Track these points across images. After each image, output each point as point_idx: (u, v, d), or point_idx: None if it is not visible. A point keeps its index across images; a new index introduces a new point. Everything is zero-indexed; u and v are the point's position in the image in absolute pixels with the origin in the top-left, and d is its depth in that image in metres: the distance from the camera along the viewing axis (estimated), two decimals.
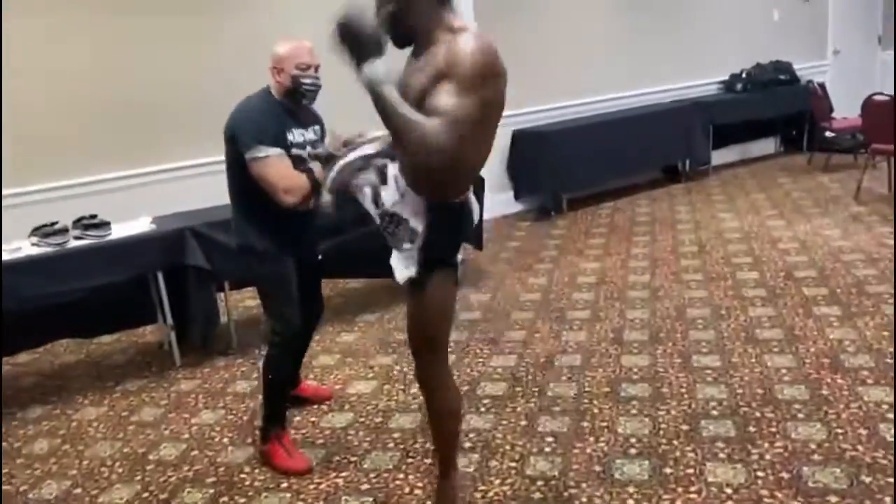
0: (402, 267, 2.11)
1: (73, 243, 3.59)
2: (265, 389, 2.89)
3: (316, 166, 2.66)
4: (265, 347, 2.95)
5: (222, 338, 4.10)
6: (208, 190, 4.41)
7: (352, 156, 2.38)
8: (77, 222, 3.70)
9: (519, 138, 6.44)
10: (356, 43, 1.73)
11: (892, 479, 2.42)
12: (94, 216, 3.73)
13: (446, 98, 1.76)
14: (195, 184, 4.62)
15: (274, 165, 2.65)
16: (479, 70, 1.77)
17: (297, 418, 3.23)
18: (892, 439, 2.64)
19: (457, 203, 2.08)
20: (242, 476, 2.82)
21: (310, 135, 2.84)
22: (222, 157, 2.81)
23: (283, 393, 2.94)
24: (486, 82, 1.80)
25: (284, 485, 2.73)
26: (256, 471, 2.84)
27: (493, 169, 6.45)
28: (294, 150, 2.73)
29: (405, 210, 2.05)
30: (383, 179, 2.10)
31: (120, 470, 2.93)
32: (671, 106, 7.20)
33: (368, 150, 2.42)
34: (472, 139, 1.88)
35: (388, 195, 2.08)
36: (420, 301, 2.14)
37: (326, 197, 2.57)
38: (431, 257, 2.08)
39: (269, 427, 2.87)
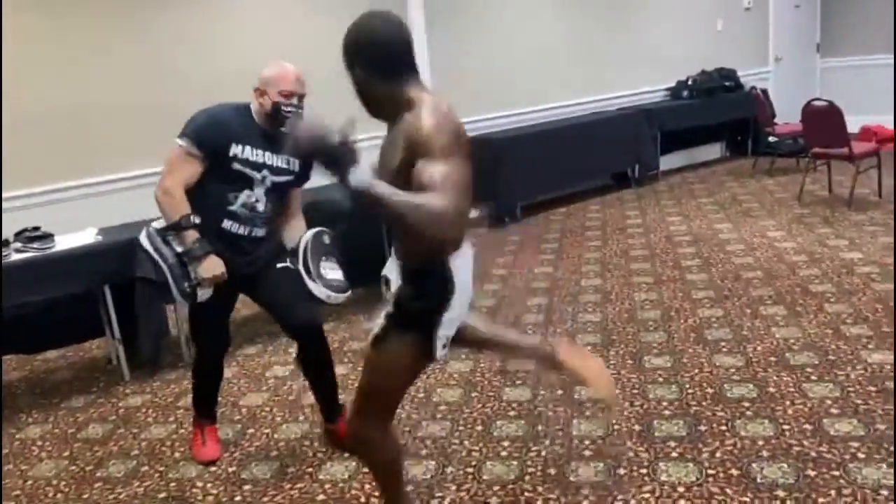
0: (374, 325, 2.04)
1: (15, 256, 3.48)
2: (193, 386, 3.00)
3: (184, 240, 2.61)
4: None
5: (172, 351, 4.02)
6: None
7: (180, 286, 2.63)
8: (19, 235, 3.60)
9: (475, 145, 6.45)
10: (330, 160, 1.66)
11: (836, 473, 2.49)
12: (36, 228, 3.63)
13: (432, 169, 1.74)
14: (143, 193, 4.52)
15: (178, 160, 2.62)
16: (446, 138, 1.77)
17: (251, 430, 3.19)
18: (836, 432, 2.73)
19: (434, 271, 1.93)
20: (195, 490, 2.76)
21: (281, 161, 2.72)
22: None
23: (207, 395, 2.99)
24: (455, 142, 1.80)
25: (238, 498, 2.69)
26: (209, 485, 2.79)
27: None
28: (238, 166, 2.64)
29: (391, 273, 2.05)
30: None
31: (66, 489, 2.85)
32: (620, 113, 7.33)
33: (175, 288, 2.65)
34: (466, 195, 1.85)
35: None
36: (369, 358, 2.08)
37: (172, 285, 2.66)
38: (395, 322, 1.99)
39: (196, 414, 3.00)
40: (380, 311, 2.03)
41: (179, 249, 2.61)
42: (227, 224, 2.70)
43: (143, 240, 2.69)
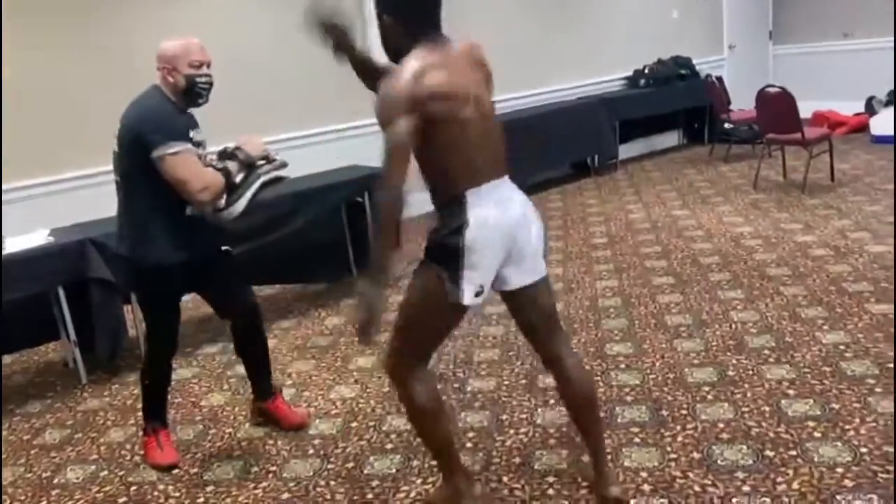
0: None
1: None
2: (142, 391, 2.91)
3: (234, 168, 2.64)
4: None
5: (131, 352, 3.94)
6: (109, 200, 4.25)
7: (273, 174, 2.68)
8: None
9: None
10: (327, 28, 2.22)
11: (794, 452, 2.54)
12: None
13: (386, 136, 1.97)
14: (95, 193, 4.43)
15: (188, 161, 2.55)
16: (394, 102, 1.94)
17: (213, 431, 3.14)
18: (794, 414, 2.78)
19: (450, 203, 2.08)
20: (156, 494, 2.72)
21: (200, 135, 2.73)
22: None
23: (159, 396, 2.92)
24: (410, 106, 1.93)
25: (201, 499, 2.65)
26: (171, 487, 2.74)
27: (411, 168, 6.43)
28: (197, 150, 2.65)
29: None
30: None
31: (22, 497, 2.78)
32: (578, 103, 7.37)
33: (284, 171, 2.71)
34: (436, 155, 2.04)
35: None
36: (407, 290, 2.22)
37: (240, 205, 2.57)
38: (427, 254, 2.14)
39: (147, 421, 2.92)
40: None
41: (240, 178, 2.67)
42: (190, 210, 2.65)
43: (242, 206, 2.68)
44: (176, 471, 2.85)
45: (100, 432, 3.23)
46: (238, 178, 2.66)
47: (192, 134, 2.65)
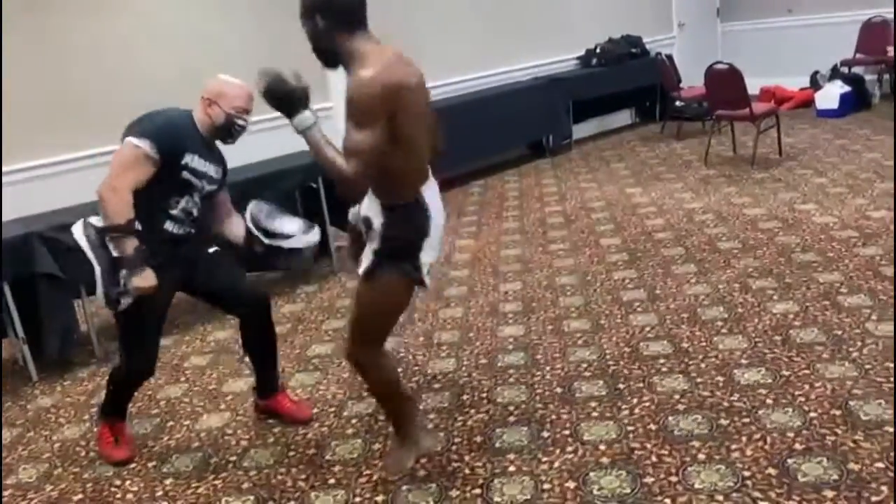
0: (364, 261, 2.23)
1: None
2: (107, 389, 2.85)
3: (122, 249, 2.49)
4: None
5: (84, 347, 3.86)
6: (54, 192, 4.14)
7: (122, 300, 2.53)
8: None
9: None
10: (283, 102, 2.02)
11: (747, 420, 2.60)
12: None
13: (349, 136, 1.97)
14: (40, 186, 4.32)
15: (134, 160, 2.50)
16: (366, 106, 1.95)
17: (170, 423, 3.10)
18: (744, 383, 2.85)
19: (409, 203, 2.16)
20: (113, 489, 2.67)
21: (215, 171, 2.75)
22: (67, 157, 2.64)
23: (124, 397, 2.87)
24: (381, 107, 1.96)
25: (160, 493, 2.61)
26: (128, 482, 2.70)
27: None
28: (186, 174, 2.62)
29: (371, 212, 2.21)
30: None
31: None
32: (531, 83, 7.38)
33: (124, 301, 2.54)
34: (398, 151, 2.05)
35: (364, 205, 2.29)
36: (362, 292, 2.28)
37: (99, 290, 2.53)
38: (383, 255, 2.19)
39: (105, 413, 2.88)
40: (366, 250, 2.23)
41: (115, 254, 2.49)
42: (168, 226, 2.67)
43: (78, 233, 2.55)
44: (133, 465, 2.80)
45: (52, 430, 3.16)
46: (108, 262, 2.51)
47: (196, 160, 2.64)
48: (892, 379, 2.73)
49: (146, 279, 2.49)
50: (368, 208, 2.24)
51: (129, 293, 2.49)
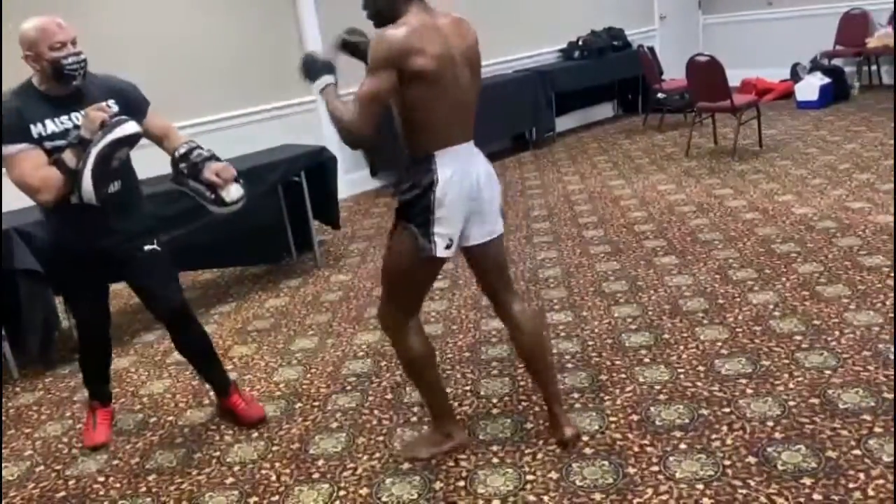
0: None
1: None
2: (81, 367, 2.97)
3: (68, 155, 2.44)
4: None
5: (65, 343, 3.83)
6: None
7: (105, 140, 2.44)
8: None
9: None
10: (308, 71, 2.30)
11: (727, 409, 2.63)
12: None
13: (360, 84, 2.13)
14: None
15: (23, 163, 2.43)
16: (372, 57, 2.11)
17: (153, 419, 3.09)
18: (726, 372, 2.88)
19: (419, 159, 2.25)
20: (96, 486, 2.66)
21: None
22: None
23: (95, 373, 2.95)
24: (385, 61, 2.09)
25: (143, 489, 2.60)
26: (111, 479, 2.69)
27: (347, 147, 6.37)
28: (49, 143, 2.47)
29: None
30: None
31: None
32: (515, 76, 7.38)
33: (121, 131, 2.46)
34: (412, 110, 2.19)
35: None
36: (385, 251, 2.43)
37: (86, 183, 2.44)
38: (399, 215, 2.32)
39: (89, 395, 2.98)
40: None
41: (78, 150, 2.44)
42: (73, 198, 2.50)
43: (89, 184, 2.46)
44: (116, 461, 2.80)
45: (34, 427, 3.14)
46: (77, 163, 2.45)
47: (48, 125, 2.49)
48: (869, 367, 2.77)
49: (96, 114, 2.44)
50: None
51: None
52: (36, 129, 2.47)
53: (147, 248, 2.74)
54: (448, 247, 2.27)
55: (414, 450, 2.60)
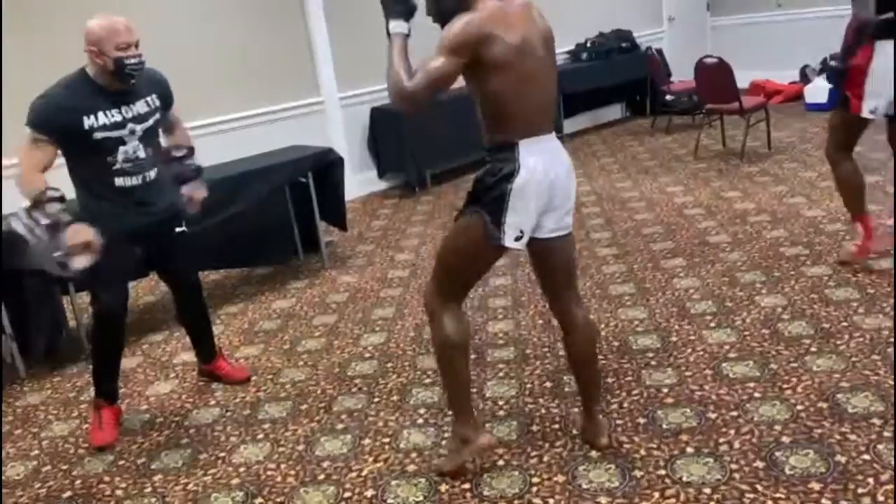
0: None
1: None
2: (91, 357, 3.01)
3: (20, 224, 2.61)
4: None
5: (72, 343, 3.84)
6: None
7: (48, 254, 2.62)
8: None
9: (378, 116, 6.38)
10: (387, 5, 2.21)
11: (735, 413, 2.61)
12: None
13: (428, 57, 2.11)
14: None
15: (27, 147, 2.63)
16: (446, 38, 2.09)
17: (160, 419, 3.09)
18: (731, 374, 2.86)
19: (501, 146, 2.20)
20: (102, 486, 2.66)
21: (140, 108, 2.78)
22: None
23: (105, 364, 2.96)
24: (457, 44, 2.08)
25: (148, 489, 2.61)
26: (117, 479, 2.69)
27: (355, 148, 6.40)
28: (100, 134, 2.67)
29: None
30: None
31: None
32: None
33: (63, 270, 2.67)
34: (489, 98, 2.17)
35: None
36: (452, 229, 2.37)
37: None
38: (472, 198, 2.27)
39: (96, 393, 2.99)
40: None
41: (46, 221, 2.57)
42: (119, 181, 2.78)
43: (15, 223, 2.64)
44: (122, 461, 2.80)
45: (41, 427, 3.14)
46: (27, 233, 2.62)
47: (101, 117, 2.68)
48: (879, 371, 2.75)
49: (78, 233, 2.58)
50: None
51: (72, 252, 2.57)
52: (88, 121, 2.65)
53: (178, 230, 3.00)
54: (518, 238, 2.21)
55: (442, 465, 2.50)
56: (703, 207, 5.00)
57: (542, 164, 2.19)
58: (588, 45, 7.99)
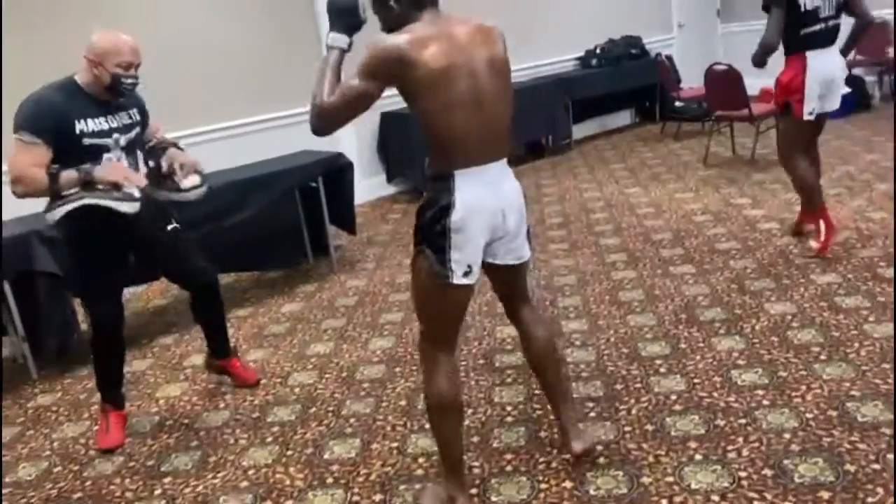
0: None
1: None
2: (94, 367, 3.00)
3: (66, 177, 2.63)
4: None
5: (84, 344, 3.86)
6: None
7: (100, 201, 2.68)
8: None
9: (388, 120, 6.40)
10: (332, 16, 2.11)
11: (743, 420, 2.61)
12: None
13: (348, 76, 2.03)
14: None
15: (21, 153, 2.61)
16: (363, 61, 1.99)
17: (169, 422, 3.11)
18: (741, 382, 2.86)
19: (436, 176, 2.09)
20: (112, 487, 2.68)
21: (123, 119, 2.82)
22: None
23: (108, 372, 2.99)
24: (372, 68, 1.98)
25: (158, 491, 2.62)
26: (127, 480, 2.71)
27: (364, 152, 6.42)
28: (88, 140, 2.69)
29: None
30: None
31: None
32: (533, 83, 7.37)
33: (117, 205, 2.70)
34: (433, 119, 2.02)
35: None
36: (411, 275, 2.23)
37: (54, 215, 2.70)
38: (417, 238, 2.15)
39: (102, 398, 3.02)
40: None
41: (75, 191, 2.63)
42: (101, 189, 2.73)
43: (59, 215, 2.68)
44: (132, 463, 2.82)
45: (52, 428, 3.17)
46: (71, 191, 2.65)
47: (90, 123, 2.69)
48: (889, 380, 2.74)
49: (110, 171, 2.65)
50: None
51: (128, 184, 2.67)
52: (79, 126, 2.67)
53: (169, 227, 2.99)
54: (466, 273, 2.08)
55: (421, 498, 2.40)
56: (713, 214, 4.99)
57: (479, 197, 2.06)
58: (598, 51, 7.99)
